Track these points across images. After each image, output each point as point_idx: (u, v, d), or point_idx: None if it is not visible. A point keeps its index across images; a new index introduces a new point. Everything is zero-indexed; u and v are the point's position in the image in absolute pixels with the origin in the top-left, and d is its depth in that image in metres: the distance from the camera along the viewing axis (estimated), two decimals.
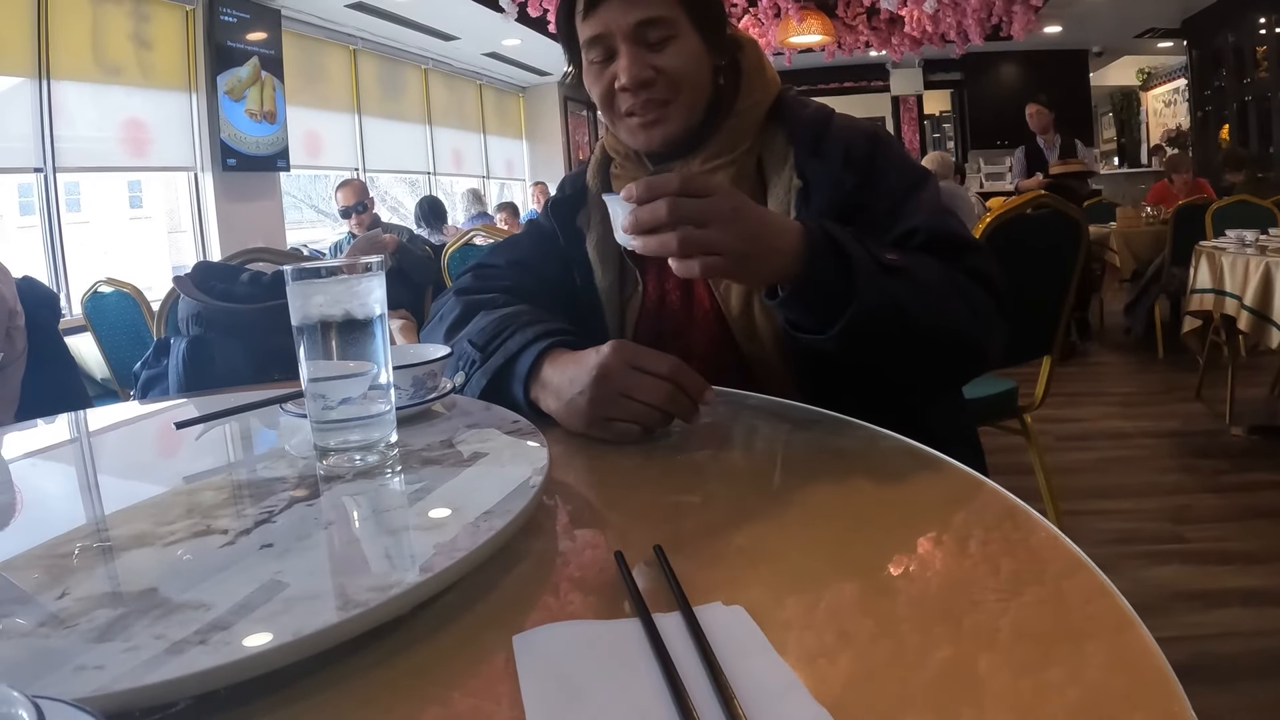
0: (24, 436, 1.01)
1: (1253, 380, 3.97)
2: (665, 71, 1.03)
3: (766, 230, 0.83)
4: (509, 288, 1.12)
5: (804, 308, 0.87)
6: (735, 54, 1.12)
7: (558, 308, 1.09)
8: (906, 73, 11.11)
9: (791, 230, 0.85)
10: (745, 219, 0.81)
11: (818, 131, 1.07)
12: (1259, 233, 3.61)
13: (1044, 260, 2.24)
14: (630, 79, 1.03)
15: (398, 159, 8.13)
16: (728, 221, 0.80)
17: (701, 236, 0.79)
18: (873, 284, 0.84)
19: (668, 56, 1.03)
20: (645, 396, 0.82)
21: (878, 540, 0.61)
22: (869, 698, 0.41)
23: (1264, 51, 7.87)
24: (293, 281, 0.70)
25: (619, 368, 0.83)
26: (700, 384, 0.83)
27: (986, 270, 0.97)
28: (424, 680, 0.45)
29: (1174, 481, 3.06)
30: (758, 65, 1.13)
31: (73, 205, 5.55)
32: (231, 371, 1.64)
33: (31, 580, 0.52)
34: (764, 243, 0.83)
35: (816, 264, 0.84)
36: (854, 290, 0.84)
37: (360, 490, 0.67)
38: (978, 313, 0.94)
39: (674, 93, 1.05)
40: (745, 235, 0.81)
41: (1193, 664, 1.83)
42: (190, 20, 5.54)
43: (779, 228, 0.85)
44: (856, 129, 1.08)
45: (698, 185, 0.80)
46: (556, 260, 1.18)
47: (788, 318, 0.91)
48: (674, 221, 0.78)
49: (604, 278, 1.16)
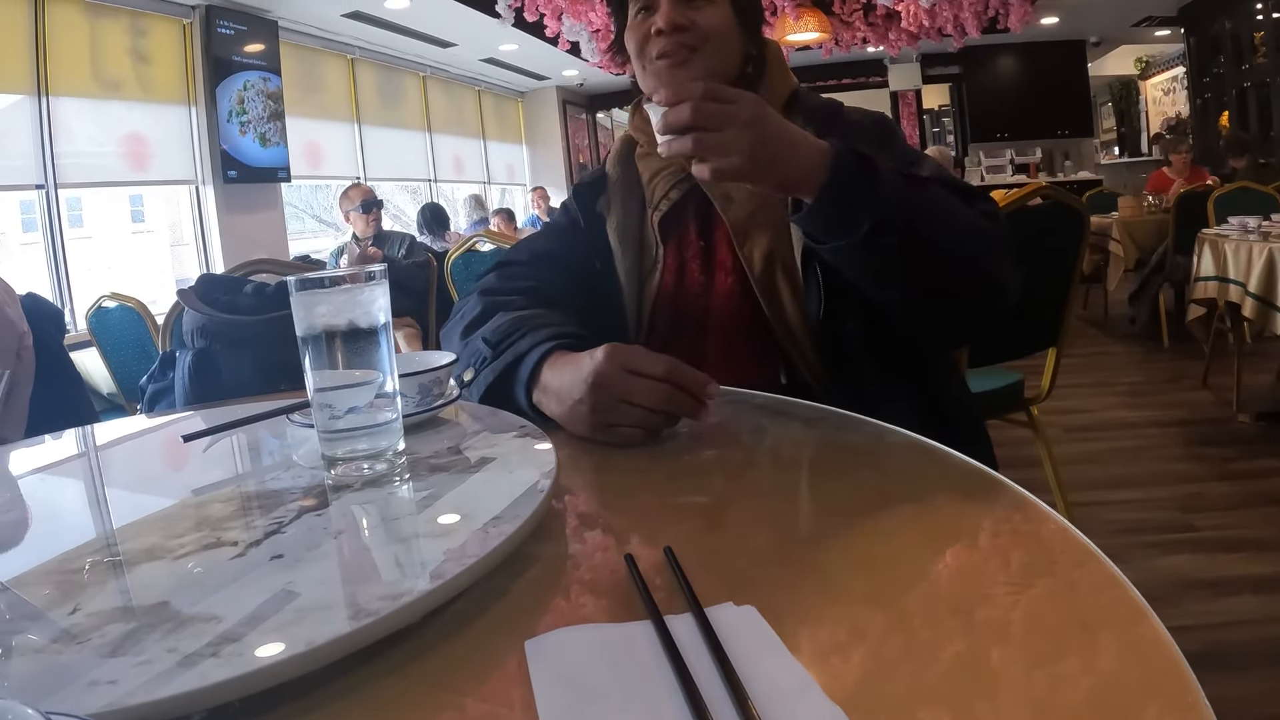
0: (32, 453, 1.01)
1: (1259, 367, 3.95)
2: (698, 23, 1.12)
3: (787, 138, 0.87)
4: (531, 288, 1.13)
5: (827, 219, 0.90)
6: (762, 48, 1.20)
7: (580, 296, 1.15)
8: (904, 68, 11.09)
9: (815, 145, 0.89)
10: (764, 124, 0.85)
11: (830, 116, 1.16)
12: (1261, 219, 3.60)
13: (1046, 252, 2.23)
14: (666, 22, 1.11)
15: (398, 167, 8.13)
16: (745, 126, 0.84)
17: (717, 139, 0.84)
18: (898, 191, 0.89)
19: (704, 14, 1.12)
20: (644, 400, 0.82)
21: (887, 536, 0.61)
22: (883, 694, 0.41)
23: (1262, 37, 7.84)
24: (296, 292, 0.70)
25: (614, 374, 0.82)
26: (699, 380, 0.83)
27: (997, 216, 1.02)
28: (437, 687, 0.45)
29: (1182, 470, 3.05)
30: (779, 63, 1.22)
31: (75, 221, 5.56)
32: (237, 383, 1.64)
33: (43, 596, 0.52)
34: (783, 149, 0.87)
35: (842, 171, 0.88)
36: (878, 196, 0.88)
37: (369, 499, 0.67)
38: (993, 245, 0.98)
39: (701, 42, 1.12)
40: (763, 139, 0.85)
41: (1204, 652, 1.83)
42: (188, 34, 5.55)
43: (801, 139, 0.89)
44: (867, 115, 1.18)
45: (721, 92, 0.85)
46: (579, 249, 1.22)
47: (810, 233, 0.94)
48: (696, 123, 0.83)
49: (624, 259, 1.19)
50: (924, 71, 11.10)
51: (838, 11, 7.60)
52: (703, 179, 0.88)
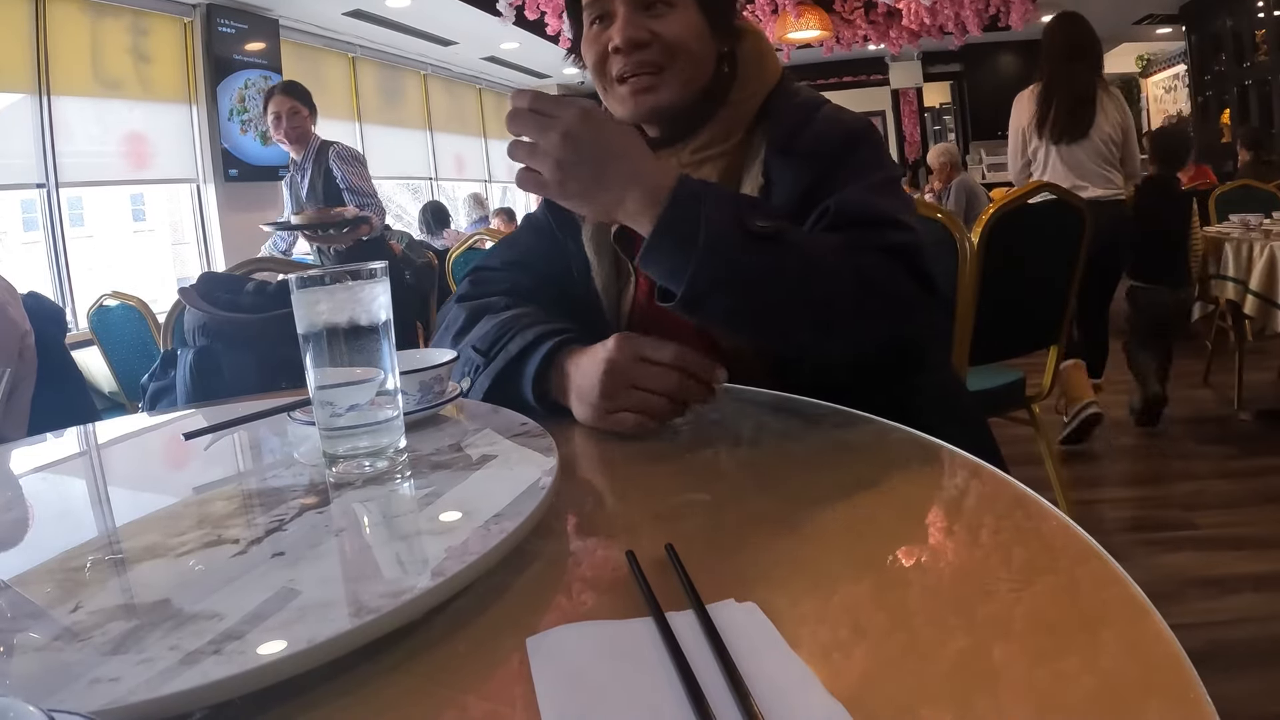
0: (34, 451, 1.02)
1: (1260, 365, 3.94)
2: (661, 36, 1.00)
3: (608, 161, 0.82)
4: (508, 290, 1.11)
5: (658, 269, 0.84)
6: (736, 43, 1.08)
7: (556, 305, 1.07)
8: (905, 66, 11.08)
9: (654, 177, 0.83)
10: (579, 144, 0.81)
11: (793, 129, 1.02)
12: (1263, 217, 3.60)
13: (1048, 250, 2.24)
14: (624, 39, 0.99)
15: (400, 165, 8.13)
16: (557, 141, 0.81)
17: (529, 149, 0.82)
18: (722, 251, 0.80)
19: (665, 23, 1.00)
20: (655, 386, 0.82)
21: (889, 533, 0.61)
22: (885, 691, 0.41)
23: (1263, 35, 7.84)
24: (297, 289, 0.70)
25: (625, 360, 0.83)
26: (707, 366, 0.83)
27: (910, 247, 0.90)
28: (439, 684, 0.45)
29: (1184, 468, 3.05)
30: (756, 56, 1.09)
31: (76, 220, 5.55)
32: (239, 381, 1.64)
33: (44, 594, 0.53)
34: (597, 173, 0.82)
35: (668, 218, 0.80)
36: (698, 255, 0.79)
37: (370, 496, 0.67)
38: (879, 287, 0.85)
39: (668, 59, 1.01)
40: (576, 160, 0.81)
41: (1206, 650, 1.83)
42: (189, 32, 5.55)
43: (632, 168, 0.83)
44: (836, 124, 1.03)
45: (544, 102, 0.82)
46: (554, 256, 1.16)
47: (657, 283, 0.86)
48: (513, 130, 0.83)
49: (600, 270, 1.13)
50: (925, 69, 11.10)
51: (839, 9, 7.60)
52: (521, 188, 0.86)
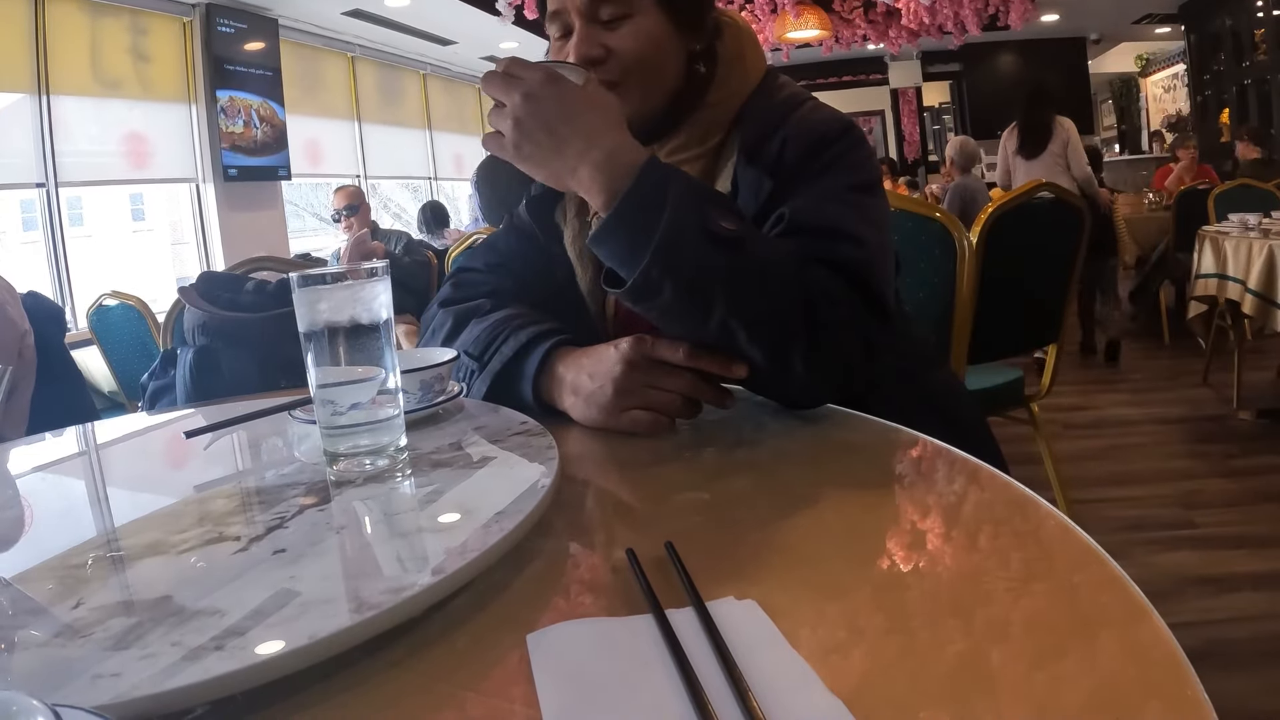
0: (33, 450, 1.02)
1: (1259, 364, 3.96)
2: (616, 52, 0.98)
3: (566, 126, 0.82)
4: (490, 292, 1.08)
5: (607, 251, 0.82)
6: (714, 39, 1.04)
7: (540, 307, 1.04)
8: (905, 65, 11.09)
9: (618, 152, 0.82)
10: (540, 104, 0.82)
11: (764, 133, 0.99)
12: (1262, 216, 3.60)
13: (1046, 249, 2.24)
14: (577, 56, 0.97)
15: (399, 165, 8.12)
16: (519, 101, 0.82)
17: (496, 112, 0.84)
18: (679, 245, 0.78)
19: (620, 36, 0.98)
20: (671, 385, 0.83)
21: (888, 532, 0.61)
22: (884, 690, 0.41)
23: (1262, 34, 7.84)
24: (298, 288, 0.70)
25: (641, 360, 0.83)
26: (722, 363, 0.83)
27: (856, 262, 0.86)
28: (439, 681, 0.45)
29: (1183, 467, 3.05)
30: (736, 54, 1.05)
31: (75, 220, 5.55)
32: (239, 380, 1.64)
33: (46, 591, 0.53)
34: (553, 138, 0.82)
35: (630, 203, 0.79)
36: (654, 245, 0.77)
37: (371, 494, 0.67)
38: (820, 311, 0.81)
39: (623, 75, 0.98)
40: (534, 123, 0.82)
41: (1205, 649, 1.83)
42: (188, 32, 5.55)
43: (593, 138, 0.82)
44: (806, 128, 0.98)
45: (517, 66, 0.84)
46: (536, 259, 1.14)
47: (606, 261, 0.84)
48: (485, 92, 0.85)
49: (584, 275, 1.11)
50: (924, 69, 11.11)
51: (838, 9, 7.60)
52: (484, 146, 0.87)
